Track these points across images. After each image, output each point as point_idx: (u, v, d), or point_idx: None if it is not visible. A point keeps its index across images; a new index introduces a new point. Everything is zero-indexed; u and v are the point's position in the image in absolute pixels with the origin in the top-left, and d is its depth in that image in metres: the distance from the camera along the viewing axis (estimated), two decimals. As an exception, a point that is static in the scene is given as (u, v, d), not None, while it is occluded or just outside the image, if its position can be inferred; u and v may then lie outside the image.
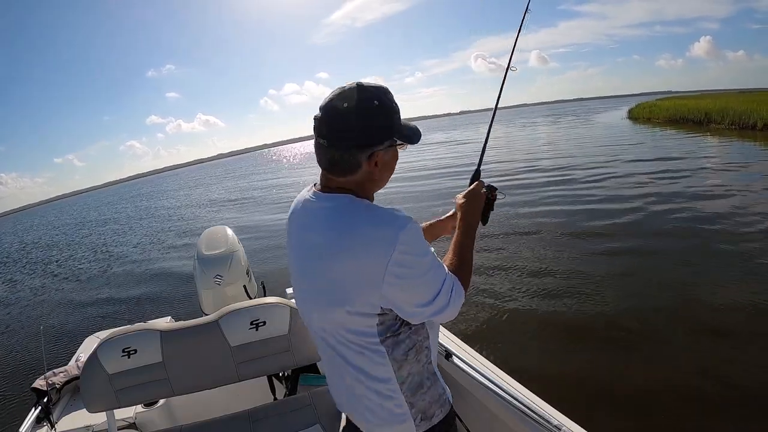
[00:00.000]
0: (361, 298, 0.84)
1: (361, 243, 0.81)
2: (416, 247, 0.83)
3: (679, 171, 9.67)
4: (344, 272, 0.83)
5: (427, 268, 0.85)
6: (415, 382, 0.94)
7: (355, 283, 0.83)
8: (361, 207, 0.86)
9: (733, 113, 18.93)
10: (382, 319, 0.88)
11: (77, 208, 38.74)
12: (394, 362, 0.91)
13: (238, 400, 1.69)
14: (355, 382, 0.94)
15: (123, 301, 6.76)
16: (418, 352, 0.94)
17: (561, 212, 7.22)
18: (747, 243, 4.99)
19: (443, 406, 1.00)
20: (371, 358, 0.90)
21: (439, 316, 0.90)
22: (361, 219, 0.83)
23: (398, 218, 0.82)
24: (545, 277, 4.70)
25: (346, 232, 0.83)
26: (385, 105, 0.84)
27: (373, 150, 0.84)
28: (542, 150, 16.38)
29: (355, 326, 0.88)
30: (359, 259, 0.81)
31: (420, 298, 0.86)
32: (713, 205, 6.71)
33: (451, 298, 0.89)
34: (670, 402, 2.67)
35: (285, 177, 25.08)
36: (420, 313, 0.88)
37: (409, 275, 0.82)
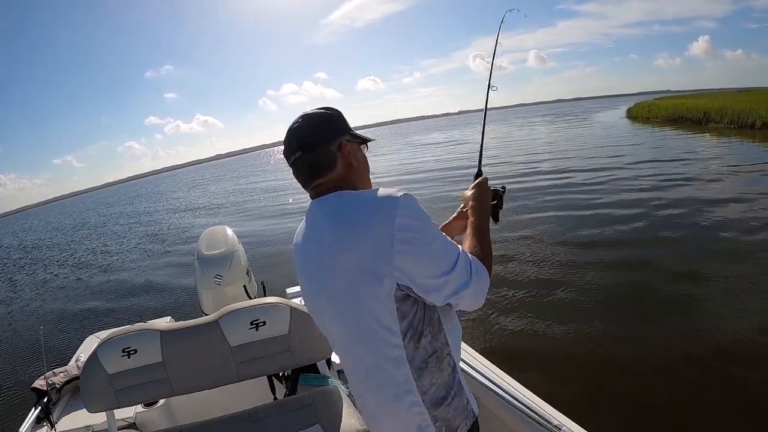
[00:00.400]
0: (375, 276, 0.82)
1: (364, 222, 0.83)
2: (418, 212, 0.83)
3: (684, 173, 9.44)
4: (357, 258, 0.83)
5: (435, 236, 0.84)
6: (439, 394, 0.89)
7: (367, 265, 0.82)
8: (356, 194, 0.90)
9: (731, 112, 18.92)
10: (402, 310, 0.84)
11: (77, 209, 38.72)
12: (414, 370, 0.87)
13: (238, 400, 1.69)
14: (378, 395, 0.91)
15: (123, 301, 6.77)
16: (440, 360, 0.90)
17: (565, 218, 7.13)
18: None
19: (468, 417, 0.94)
20: (393, 364, 0.87)
21: (463, 295, 0.86)
22: (358, 203, 0.87)
23: (394, 192, 0.85)
24: (551, 287, 4.69)
25: (347, 221, 0.85)
26: (331, 112, 0.98)
27: (338, 140, 0.94)
28: (542, 151, 16.32)
29: (378, 316, 0.84)
30: (366, 239, 0.82)
31: (435, 267, 0.83)
32: (727, 211, 6.34)
33: (473, 271, 0.86)
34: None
35: (281, 179, 25.11)
36: (439, 287, 0.84)
37: (417, 240, 0.81)
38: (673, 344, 3.27)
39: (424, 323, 0.87)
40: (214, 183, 32.31)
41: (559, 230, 6.37)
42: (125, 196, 44.36)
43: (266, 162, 49.26)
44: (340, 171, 0.94)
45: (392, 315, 0.84)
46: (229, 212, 14.42)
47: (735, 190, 7.65)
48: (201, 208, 17.66)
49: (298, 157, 0.93)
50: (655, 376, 2.93)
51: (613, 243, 5.64)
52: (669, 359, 3.09)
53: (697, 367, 2.96)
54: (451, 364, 0.92)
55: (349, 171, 0.95)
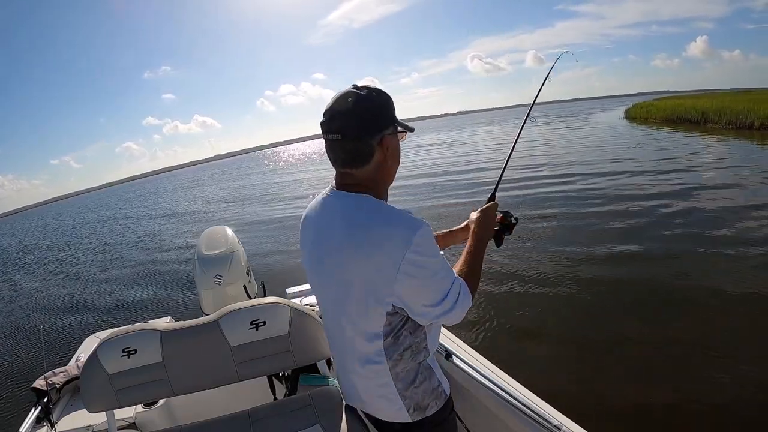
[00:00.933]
0: (374, 296, 0.90)
1: (377, 242, 0.87)
2: (429, 248, 0.88)
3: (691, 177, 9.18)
4: (359, 270, 0.90)
5: (437, 269, 0.90)
6: (408, 378, 0.99)
7: (369, 281, 0.89)
8: (378, 206, 0.92)
9: (730, 112, 18.97)
10: (390, 320, 0.93)
11: (76, 209, 38.66)
12: (390, 361, 0.97)
13: (238, 400, 1.69)
14: (358, 374, 1.02)
15: (123, 301, 6.77)
16: (415, 353, 0.99)
17: (567, 222, 7.16)
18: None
19: (438, 398, 1.04)
20: (369, 354, 0.97)
21: (445, 318, 0.94)
22: (377, 218, 0.89)
23: (413, 220, 0.88)
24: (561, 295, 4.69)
25: (362, 230, 0.89)
26: (382, 97, 0.94)
27: (382, 134, 0.92)
28: (544, 153, 16.25)
29: (365, 323, 0.95)
30: (373, 257, 0.87)
31: (430, 298, 0.91)
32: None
33: (458, 301, 0.93)
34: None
35: (281, 178, 25.04)
36: (428, 313, 0.92)
37: (421, 275, 0.88)
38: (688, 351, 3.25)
39: (405, 327, 0.96)
40: (211, 184, 32.24)
41: (561, 235, 6.37)
42: (123, 196, 44.23)
43: (264, 164, 49.10)
44: (372, 167, 0.93)
45: (379, 322, 0.93)
46: (226, 215, 14.41)
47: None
48: (197, 212, 17.65)
49: (336, 139, 0.91)
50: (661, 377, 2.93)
51: (617, 252, 5.59)
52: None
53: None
54: (425, 354, 1.02)
55: (382, 168, 0.95)
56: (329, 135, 0.91)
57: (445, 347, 1.67)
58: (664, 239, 5.52)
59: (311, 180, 20.43)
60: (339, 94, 0.91)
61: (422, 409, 1.02)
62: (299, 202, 12.99)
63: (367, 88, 0.92)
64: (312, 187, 15.98)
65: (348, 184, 0.95)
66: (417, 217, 0.88)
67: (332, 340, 1.10)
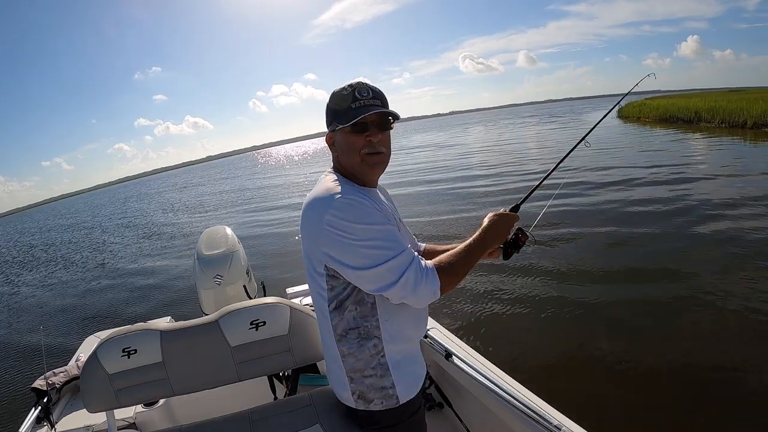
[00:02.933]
0: (313, 257, 1.04)
1: (309, 208, 1.03)
2: (350, 213, 0.96)
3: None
4: (304, 235, 1.05)
5: (365, 237, 0.96)
6: (356, 365, 1.06)
7: (307, 243, 1.04)
8: (327, 183, 1.05)
9: (723, 112, 19.08)
10: (331, 284, 1.03)
11: (72, 210, 38.57)
12: (336, 335, 1.06)
13: (238, 400, 1.69)
14: (323, 343, 1.14)
15: (123, 301, 6.76)
16: (364, 339, 1.04)
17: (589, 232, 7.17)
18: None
19: (386, 399, 1.07)
20: (324, 325, 1.09)
21: (388, 291, 0.98)
22: (317, 189, 1.05)
23: (336, 190, 1.00)
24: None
25: (308, 199, 1.05)
26: (332, 96, 1.08)
27: (328, 130, 1.11)
28: (540, 155, 16.18)
29: (315, 282, 1.06)
30: (307, 221, 1.03)
31: (356, 261, 0.97)
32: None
33: (403, 279, 0.96)
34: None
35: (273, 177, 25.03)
36: (360, 277, 0.98)
37: (339, 236, 0.96)
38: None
39: (349, 299, 1.03)
40: (203, 184, 32.17)
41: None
42: (116, 197, 44.06)
43: (254, 164, 48.89)
44: (333, 154, 1.13)
45: (323, 284, 1.04)
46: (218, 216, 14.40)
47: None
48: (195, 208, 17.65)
49: None
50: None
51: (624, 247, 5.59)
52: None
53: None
54: (378, 347, 1.05)
55: (335, 157, 1.12)
56: None
57: (445, 347, 1.67)
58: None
59: (303, 179, 20.41)
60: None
61: (366, 400, 1.07)
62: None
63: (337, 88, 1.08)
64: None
65: (333, 165, 1.14)
66: (347, 190, 1.00)
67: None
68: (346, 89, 1.04)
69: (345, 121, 1.03)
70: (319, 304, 1.09)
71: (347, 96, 1.04)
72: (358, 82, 1.05)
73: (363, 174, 1.07)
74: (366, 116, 1.01)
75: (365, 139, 1.03)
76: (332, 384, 1.17)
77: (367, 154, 1.05)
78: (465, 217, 7.92)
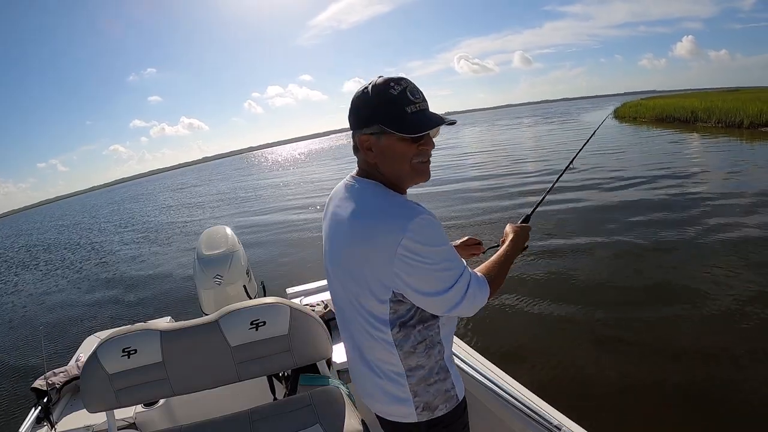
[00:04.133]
0: (374, 281, 0.91)
1: (373, 229, 0.89)
2: (427, 236, 0.87)
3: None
4: (360, 255, 0.92)
5: (439, 260, 0.89)
6: (422, 375, 0.99)
7: (369, 266, 0.91)
8: (381, 196, 0.94)
9: (719, 112, 19.17)
10: (394, 308, 0.93)
11: (69, 211, 38.50)
12: (402, 353, 0.96)
13: (238, 400, 1.69)
14: (367, 366, 1.02)
15: (123, 301, 6.77)
16: (429, 347, 0.98)
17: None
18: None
19: (449, 401, 1.03)
20: (382, 346, 0.97)
21: (455, 310, 0.93)
22: (377, 206, 0.92)
23: (413, 208, 0.89)
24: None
25: (364, 217, 0.92)
26: (367, 95, 0.93)
27: (360, 131, 0.95)
28: (537, 156, 16.14)
29: (369, 309, 0.95)
30: (373, 243, 0.89)
31: (431, 286, 0.89)
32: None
33: (467, 294, 0.92)
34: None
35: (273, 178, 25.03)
36: (433, 302, 0.91)
37: (418, 261, 0.87)
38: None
39: (414, 318, 0.95)
40: (202, 184, 32.17)
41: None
42: (113, 198, 43.92)
43: (251, 165, 48.77)
44: (362, 158, 0.99)
45: (383, 310, 0.94)
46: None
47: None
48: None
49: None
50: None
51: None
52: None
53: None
54: (441, 351, 1.01)
55: (368, 160, 0.97)
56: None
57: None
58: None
59: (296, 179, 20.37)
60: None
61: (431, 409, 1.01)
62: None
63: (371, 83, 0.93)
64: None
65: (361, 170, 1.01)
66: (419, 206, 0.90)
67: (345, 334, 1.10)
68: (394, 87, 0.90)
69: (400, 129, 0.89)
70: (372, 328, 0.97)
71: (399, 97, 0.90)
72: (404, 80, 0.92)
73: (407, 182, 0.99)
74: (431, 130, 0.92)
75: (418, 148, 0.94)
76: (379, 406, 1.05)
77: (419, 162, 0.96)
78: (470, 220, 7.92)
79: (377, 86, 0.92)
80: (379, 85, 0.92)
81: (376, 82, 0.93)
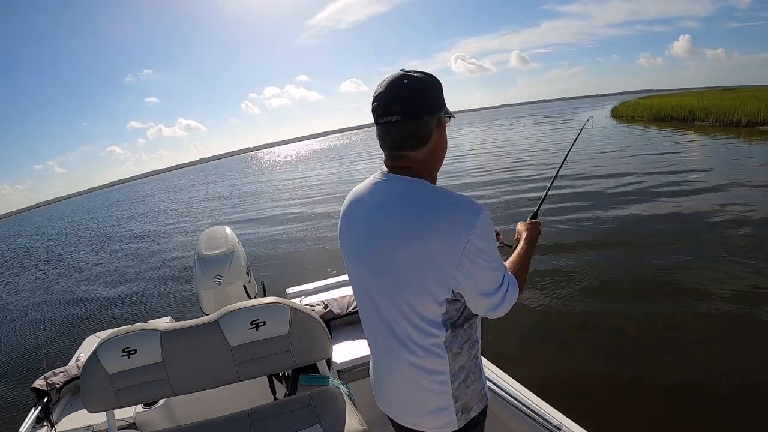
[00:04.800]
0: (434, 282, 0.86)
1: (440, 226, 0.83)
2: (490, 233, 0.87)
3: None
4: (419, 255, 0.85)
5: (495, 257, 0.89)
6: (463, 376, 0.96)
7: (430, 266, 0.85)
8: (437, 192, 0.88)
9: (717, 110, 19.23)
10: (448, 309, 0.89)
11: (68, 212, 38.43)
12: (451, 355, 0.93)
13: (238, 400, 1.69)
14: (409, 374, 0.95)
15: (123, 301, 6.77)
16: (471, 346, 0.97)
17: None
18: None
19: (481, 400, 1.02)
20: (431, 350, 0.92)
21: (496, 310, 0.91)
22: (438, 202, 0.86)
23: (475, 204, 0.85)
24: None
25: (424, 215, 0.85)
26: (436, 80, 0.91)
27: (439, 114, 0.90)
28: (534, 159, 16.08)
29: (422, 312, 0.89)
30: (436, 242, 0.83)
31: (487, 285, 0.88)
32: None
33: (507, 293, 0.91)
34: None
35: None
36: (484, 302, 0.89)
37: (482, 260, 0.85)
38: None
39: (462, 316, 0.93)
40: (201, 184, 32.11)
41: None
42: (112, 199, 43.71)
43: (249, 165, 48.60)
44: (429, 148, 0.91)
45: (437, 311, 0.89)
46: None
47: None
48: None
49: (396, 120, 0.87)
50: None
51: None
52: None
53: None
54: (477, 349, 0.99)
55: (437, 150, 0.93)
56: (387, 117, 0.87)
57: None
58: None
59: (290, 179, 20.35)
60: (391, 78, 0.88)
61: (468, 411, 0.98)
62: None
63: (420, 72, 0.90)
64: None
65: (401, 167, 0.91)
66: (477, 202, 0.86)
67: (376, 338, 1.02)
68: (437, 78, 0.91)
69: (450, 113, 0.93)
70: (422, 332, 0.91)
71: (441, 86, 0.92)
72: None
73: (436, 174, 0.98)
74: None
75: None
76: (414, 418, 0.99)
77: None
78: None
79: (429, 74, 0.90)
80: (431, 74, 0.90)
81: (422, 71, 0.90)
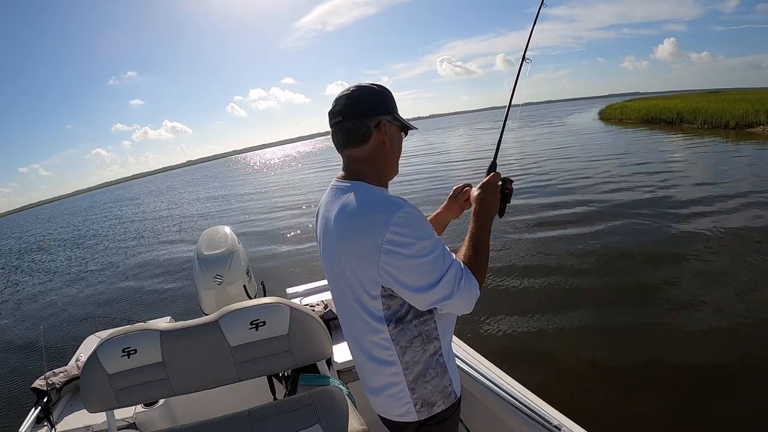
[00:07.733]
0: (364, 278, 0.93)
1: (360, 226, 0.91)
2: (411, 229, 0.88)
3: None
4: (348, 254, 0.94)
5: (426, 252, 0.88)
6: (419, 370, 0.99)
7: (357, 264, 0.93)
8: (364, 192, 0.95)
9: (705, 113, 19.34)
10: (387, 303, 0.95)
11: (59, 213, 38.31)
12: (399, 348, 0.98)
13: (238, 400, 1.69)
14: (369, 364, 1.03)
15: (123, 301, 6.77)
16: (426, 342, 0.99)
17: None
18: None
19: (447, 397, 1.04)
20: (378, 342, 0.98)
21: (446, 305, 0.92)
22: (361, 204, 0.93)
23: (395, 202, 0.90)
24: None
25: (349, 218, 0.94)
26: (382, 90, 1.01)
27: (379, 118, 0.98)
28: (529, 162, 15.98)
29: (367, 307, 0.97)
30: (358, 242, 0.91)
31: (418, 281, 0.89)
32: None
33: (459, 287, 0.91)
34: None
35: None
36: (420, 298, 0.92)
37: (404, 255, 0.87)
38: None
39: (410, 314, 0.96)
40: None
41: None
42: (100, 201, 43.50)
43: (239, 168, 48.41)
44: (371, 147, 1.00)
45: (377, 306, 0.95)
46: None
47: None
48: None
49: (338, 121, 0.99)
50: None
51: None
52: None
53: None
54: (437, 346, 1.01)
55: (380, 150, 1.00)
56: (333, 119, 0.99)
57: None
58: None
59: (284, 179, 20.31)
60: (346, 89, 1.01)
61: (430, 405, 1.02)
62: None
63: (372, 84, 1.02)
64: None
65: (349, 170, 1.02)
66: (399, 200, 0.91)
67: (348, 335, 1.11)
68: (387, 90, 1.02)
69: (403, 121, 1.04)
70: (369, 326, 0.98)
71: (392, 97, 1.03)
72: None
73: (392, 175, 1.06)
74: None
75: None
76: (381, 407, 1.07)
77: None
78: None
79: (380, 85, 1.01)
80: (382, 86, 1.01)
81: (374, 84, 1.02)
